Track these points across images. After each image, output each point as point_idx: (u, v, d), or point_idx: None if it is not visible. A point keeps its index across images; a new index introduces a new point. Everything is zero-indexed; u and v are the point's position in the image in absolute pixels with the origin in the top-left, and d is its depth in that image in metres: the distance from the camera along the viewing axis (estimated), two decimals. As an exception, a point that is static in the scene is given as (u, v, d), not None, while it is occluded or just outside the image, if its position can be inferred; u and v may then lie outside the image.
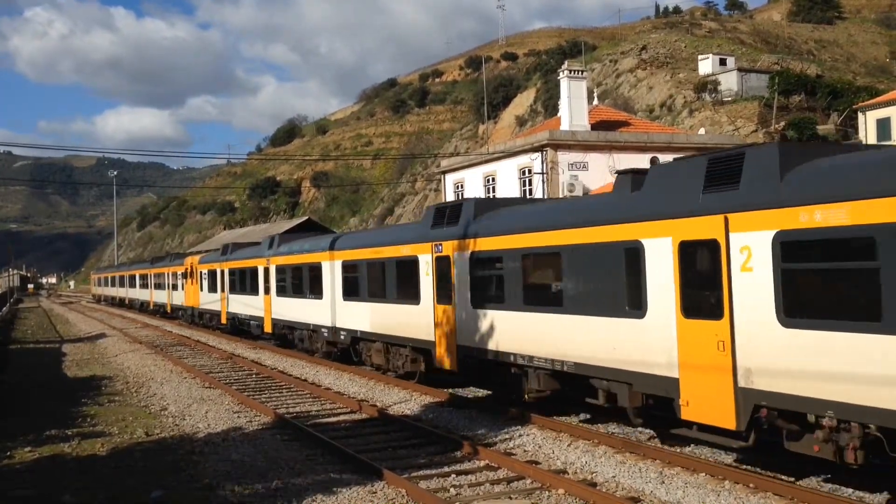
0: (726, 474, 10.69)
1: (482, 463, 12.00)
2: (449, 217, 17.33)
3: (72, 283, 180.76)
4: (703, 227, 10.67)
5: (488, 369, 16.28)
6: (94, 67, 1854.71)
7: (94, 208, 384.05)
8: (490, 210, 16.49)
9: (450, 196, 45.93)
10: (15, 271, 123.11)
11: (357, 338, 22.14)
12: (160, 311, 52.64)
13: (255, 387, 20.60)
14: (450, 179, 46.42)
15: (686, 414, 10.85)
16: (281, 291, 28.21)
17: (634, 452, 12.21)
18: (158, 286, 52.49)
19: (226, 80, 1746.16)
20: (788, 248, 9.47)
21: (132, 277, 65.14)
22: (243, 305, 32.54)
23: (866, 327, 8.58)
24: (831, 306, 9.11)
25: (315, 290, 24.77)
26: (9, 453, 13.43)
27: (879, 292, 8.48)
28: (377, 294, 20.43)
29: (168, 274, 48.63)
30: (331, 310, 23.44)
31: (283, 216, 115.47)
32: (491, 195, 41.16)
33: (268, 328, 29.75)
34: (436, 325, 17.57)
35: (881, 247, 8.47)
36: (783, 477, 10.65)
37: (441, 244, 17.33)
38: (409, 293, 18.71)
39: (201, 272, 39.24)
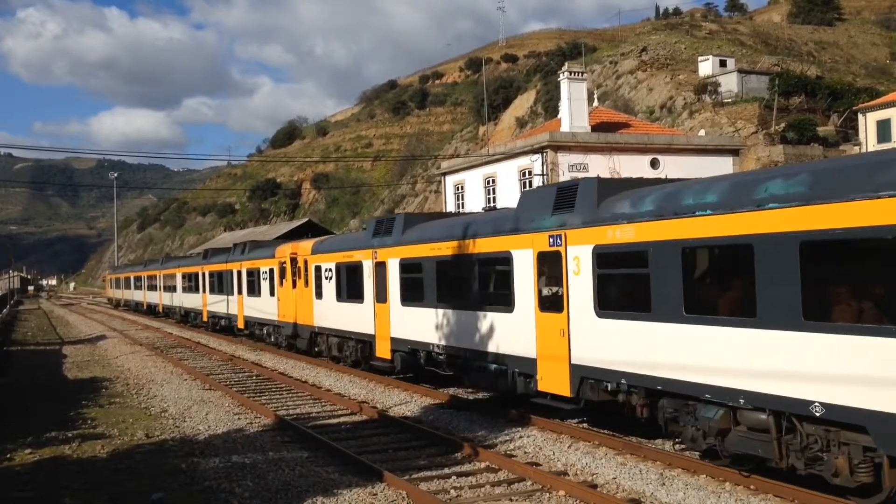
0: (727, 476, 10.69)
1: (483, 464, 12.00)
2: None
3: (72, 285, 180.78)
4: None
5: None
6: (89, 68, 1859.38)
7: (94, 210, 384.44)
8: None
9: (450, 198, 45.94)
10: (15, 273, 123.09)
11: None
12: (221, 326, 37.17)
13: (256, 388, 20.60)
14: (450, 181, 46.43)
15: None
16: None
17: (635, 454, 12.21)
18: (214, 289, 37.83)
19: (221, 81, 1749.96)
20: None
21: (169, 278, 49.35)
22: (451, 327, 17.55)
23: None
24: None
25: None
26: (9, 455, 13.43)
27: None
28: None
29: (236, 272, 33.86)
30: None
31: (283, 218, 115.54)
32: (491, 196, 41.20)
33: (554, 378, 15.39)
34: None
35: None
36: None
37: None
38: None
39: (319, 269, 24.79)
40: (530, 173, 37.76)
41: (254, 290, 31.24)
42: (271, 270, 28.93)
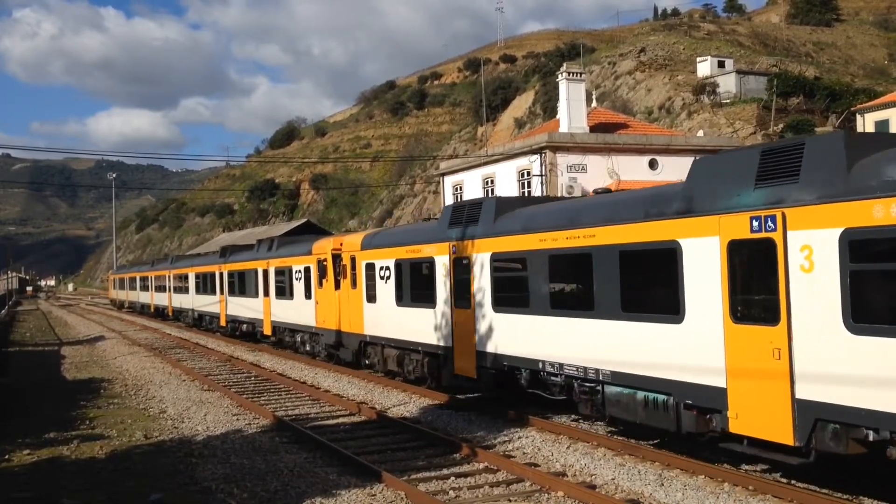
0: (725, 476, 10.69)
1: (481, 465, 12.00)
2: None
3: (70, 286, 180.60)
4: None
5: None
6: (86, 68, 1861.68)
7: (92, 211, 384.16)
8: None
9: (449, 198, 45.92)
10: (14, 274, 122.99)
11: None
12: (242, 332, 33.85)
13: (255, 389, 20.59)
14: (449, 181, 46.44)
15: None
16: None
17: (634, 455, 12.21)
18: (235, 290, 34.45)
19: (218, 81, 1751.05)
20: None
21: (181, 279, 45.74)
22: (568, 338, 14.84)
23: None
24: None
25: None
26: (7, 456, 13.42)
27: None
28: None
29: (261, 272, 30.33)
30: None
31: (281, 218, 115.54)
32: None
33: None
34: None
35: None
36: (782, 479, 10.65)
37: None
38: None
39: (371, 267, 20.97)
40: (529, 174, 37.78)
41: (284, 291, 27.55)
42: (307, 269, 25.25)
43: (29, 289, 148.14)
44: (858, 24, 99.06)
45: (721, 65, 67.30)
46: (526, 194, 37.79)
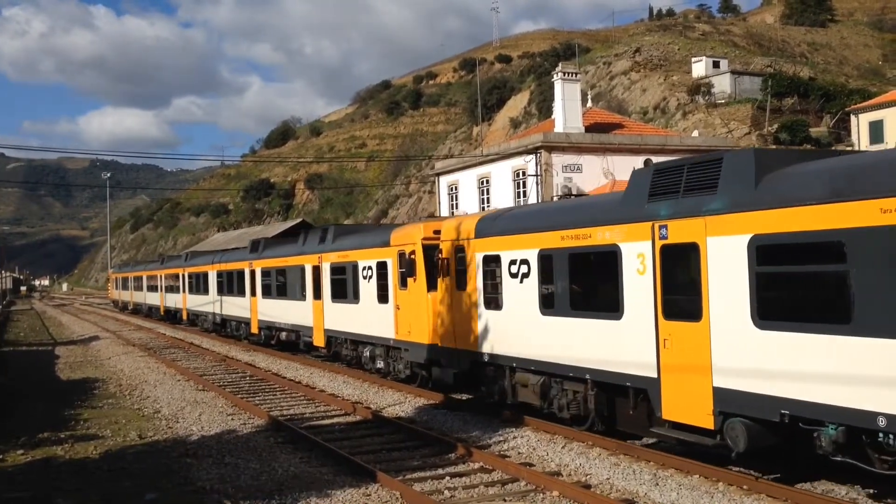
0: (720, 476, 10.71)
1: (476, 465, 11.99)
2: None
3: (64, 286, 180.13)
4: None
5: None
6: (77, 67, 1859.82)
7: (87, 210, 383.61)
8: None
9: (444, 198, 45.94)
10: (7, 274, 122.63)
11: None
12: (281, 342, 28.65)
13: (249, 389, 20.55)
14: (444, 181, 46.43)
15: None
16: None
17: (629, 454, 12.22)
18: (271, 292, 29.16)
19: (210, 80, 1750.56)
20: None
21: (197, 278, 40.29)
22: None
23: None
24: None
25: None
26: (1, 456, 13.37)
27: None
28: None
29: (310, 269, 25.22)
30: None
31: (276, 218, 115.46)
32: (485, 197, 41.21)
33: None
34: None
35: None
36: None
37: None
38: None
39: (495, 261, 15.70)
40: (524, 174, 37.81)
41: (344, 293, 22.63)
42: (381, 265, 20.33)
43: (23, 289, 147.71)
44: (853, 24, 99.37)
45: (716, 65, 67.46)
46: (521, 194, 37.83)
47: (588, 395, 13.24)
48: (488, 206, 39.09)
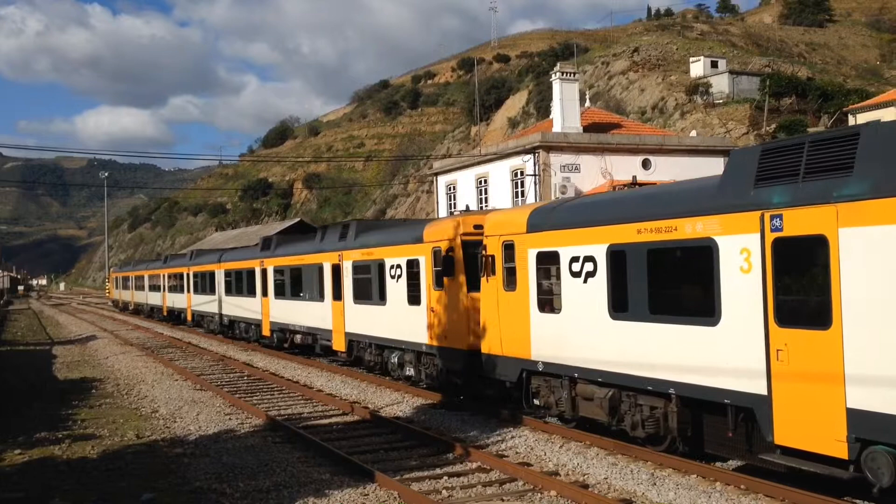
0: (717, 476, 10.72)
1: (474, 465, 11.99)
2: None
3: (62, 285, 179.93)
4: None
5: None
6: (72, 65, 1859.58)
7: (84, 210, 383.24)
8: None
9: (442, 198, 45.93)
10: (5, 273, 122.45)
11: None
12: (295, 344, 27.55)
13: (247, 389, 20.53)
14: (442, 181, 46.42)
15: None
16: None
17: (626, 454, 12.22)
18: (284, 292, 27.81)
19: (207, 79, 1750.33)
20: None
21: (203, 277, 38.46)
22: None
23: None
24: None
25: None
26: (-2, 456, 13.36)
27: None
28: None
29: (329, 267, 23.74)
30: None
31: (275, 217, 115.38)
32: (483, 197, 41.22)
33: None
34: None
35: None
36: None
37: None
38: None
39: (550, 259, 13.97)
40: (522, 174, 37.81)
41: (368, 293, 21.05)
42: (412, 263, 18.60)
43: (20, 288, 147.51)
44: (851, 24, 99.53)
45: (714, 65, 67.49)
46: (519, 194, 37.82)
47: (669, 412, 11.44)
48: (486, 206, 39.08)
